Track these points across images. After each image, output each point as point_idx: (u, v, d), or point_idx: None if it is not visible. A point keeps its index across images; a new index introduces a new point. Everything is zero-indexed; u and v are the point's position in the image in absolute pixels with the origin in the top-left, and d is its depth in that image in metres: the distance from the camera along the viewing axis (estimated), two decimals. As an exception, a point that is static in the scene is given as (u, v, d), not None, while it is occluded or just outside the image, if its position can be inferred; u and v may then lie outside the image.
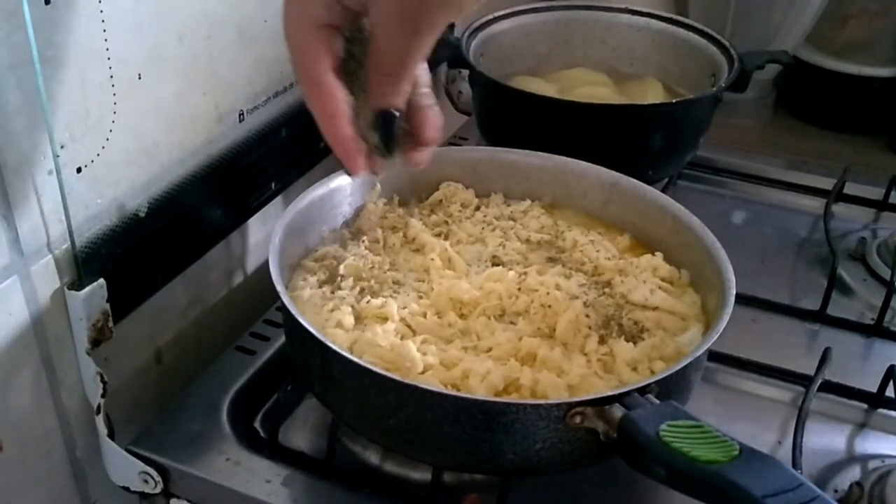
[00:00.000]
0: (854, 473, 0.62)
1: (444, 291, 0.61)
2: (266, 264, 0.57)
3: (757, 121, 1.36)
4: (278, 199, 0.74)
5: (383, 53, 0.45)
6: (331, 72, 0.47)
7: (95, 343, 0.56)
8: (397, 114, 0.48)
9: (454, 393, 0.53)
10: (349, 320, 0.58)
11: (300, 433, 0.64)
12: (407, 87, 0.48)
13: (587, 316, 0.60)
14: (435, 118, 0.51)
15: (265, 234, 0.75)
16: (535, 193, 0.74)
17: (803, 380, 0.68)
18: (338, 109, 0.47)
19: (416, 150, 0.53)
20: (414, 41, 0.45)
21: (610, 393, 0.49)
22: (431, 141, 0.52)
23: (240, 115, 0.68)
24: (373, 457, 0.62)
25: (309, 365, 0.57)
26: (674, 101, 0.91)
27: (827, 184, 0.94)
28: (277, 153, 0.73)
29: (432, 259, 0.65)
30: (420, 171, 0.72)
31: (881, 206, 0.93)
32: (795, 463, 0.60)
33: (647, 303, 0.62)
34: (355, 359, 0.52)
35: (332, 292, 0.62)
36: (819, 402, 0.67)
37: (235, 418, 0.63)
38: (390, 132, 0.49)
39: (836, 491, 0.60)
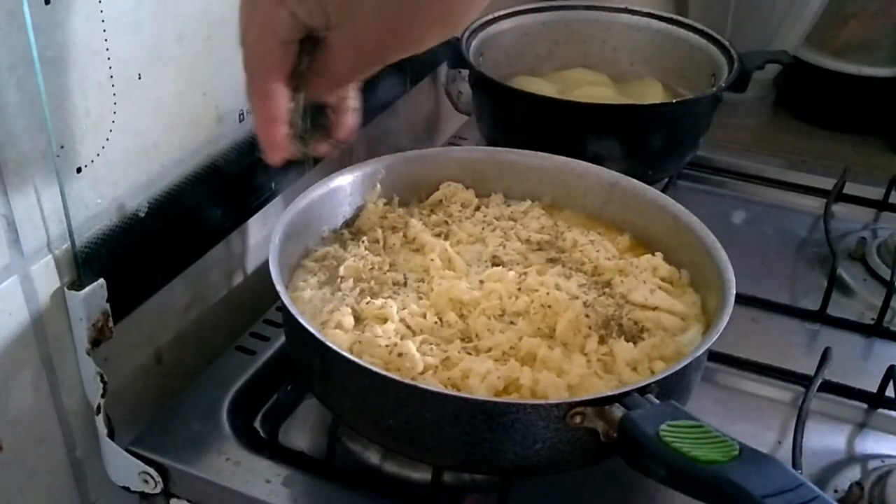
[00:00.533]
0: (854, 473, 0.62)
1: (444, 291, 0.61)
2: (266, 264, 0.57)
3: (757, 121, 1.36)
4: (278, 199, 0.74)
5: (334, 70, 0.48)
6: (282, 82, 0.49)
7: (95, 343, 0.56)
8: (328, 108, 0.52)
9: (454, 393, 0.53)
10: (349, 321, 0.58)
11: (300, 433, 0.64)
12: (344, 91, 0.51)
13: (587, 316, 0.60)
14: (352, 122, 0.54)
15: (265, 234, 0.75)
16: (535, 193, 0.74)
17: (803, 380, 0.68)
18: (279, 115, 0.50)
19: (325, 144, 0.55)
20: (366, 70, 0.48)
21: (610, 393, 0.50)
22: (343, 141, 0.55)
23: (240, 115, 0.68)
24: (373, 457, 0.62)
25: (309, 365, 0.57)
26: (674, 101, 0.91)
27: (827, 184, 0.94)
28: (277, 153, 0.72)
29: (432, 259, 0.65)
30: (420, 171, 0.73)
31: (881, 206, 0.93)
32: (795, 463, 0.60)
33: (647, 303, 0.62)
34: (355, 359, 0.52)
35: (332, 293, 0.62)
36: (819, 402, 0.67)
37: (235, 418, 0.63)
38: (318, 124, 0.53)
39: (836, 491, 0.60)
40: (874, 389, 0.68)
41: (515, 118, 0.86)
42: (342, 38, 0.45)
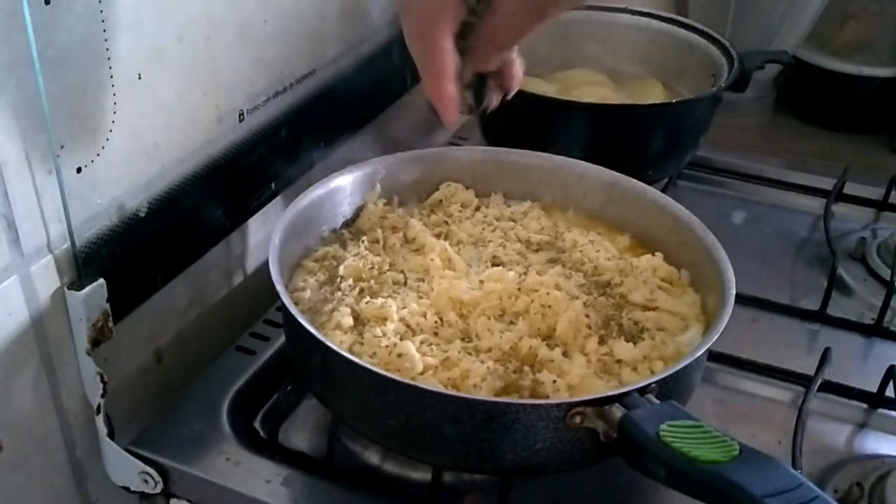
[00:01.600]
0: (854, 473, 0.62)
1: (443, 291, 0.61)
2: (266, 264, 0.57)
3: (757, 121, 1.36)
4: (278, 199, 0.74)
5: (500, 29, 0.50)
6: (451, 37, 0.51)
7: (95, 343, 0.56)
8: (491, 76, 0.56)
9: (454, 393, 0.53)
10: (349, 321, 0.58)
11: (300, 433, 0.64)
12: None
13: (587, 316, 0.60)
14: (519, 71, 0.58)
15: (265, 234, 0.74)
16: (535, 194, 0.74)
17: (803, 380, 0.68)
18: (448, 70, 0.52)
19: (495, 96, 0.59)
20: (534, 26, 0.50)
21: (610, 393, 0.49)
22: (513, 88, 0.60)
23: (240, 115, 0.68)
24: (373, 457, 0.62)
25: (309, 365, 0.57)
26: (674, 101, 0.91)
27: (827, 184, 0.94)
28: (277, 153, 0.73)
29: (432, 259, 0.64)
30: (420, 171, 0.73)
31: (881, 206, 0.93)
32: (795, 463, 0.60)
33: (648, 303, 0.62)
34: (355, 359, 0.52)
35: (332, 293, 0.62)
36: (819, 402, 0.67)
37: (235, 418, 0.63)
38: (483, 93, 0.57)
39: (836, 491, 0.60)
40: (874, 389, 0.68)
41: (515, 118, 0.86)
42: None
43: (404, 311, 0.59)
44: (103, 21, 0.52)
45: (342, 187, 0.69)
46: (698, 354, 0.54)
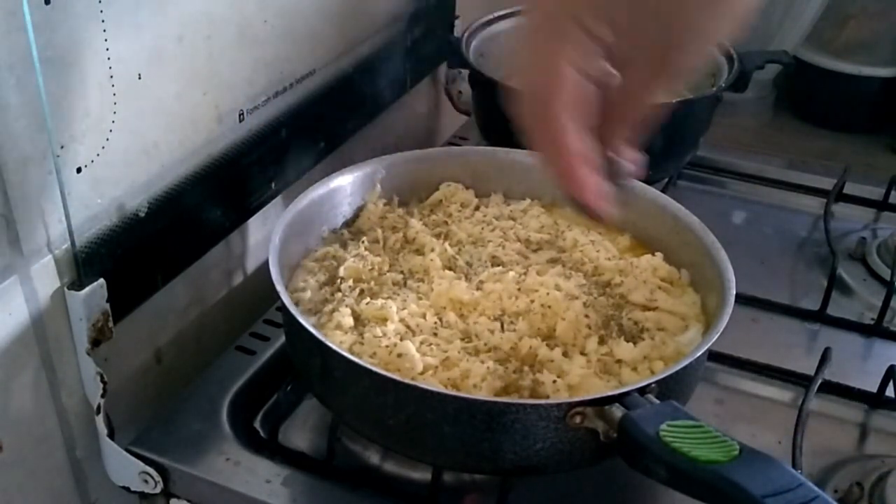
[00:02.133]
0: (854, 473, 0.62)
1: (443, 292, 0.61)
2: (266, 264, 0.57)
3: (757, 121, 1.36)
4: (278, 199, 0.74)
5: (635, 86, 0.43)
6: (572, 113, 0.43)
7: (95, 343, 0.56)
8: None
9: (454, 393, 0.53)
10: (349, 321, 0.58)
11: (300, 433, 0.64)
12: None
13: (587, 316, 0.60)
14: (638, 156, 0.49)
15: (265, 234, 0.75)
16: (535, 193, 0.74)
17: (803, 380, 0.68)
18: (573, 148, 0.43)
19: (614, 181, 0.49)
20: (661, 83, 0.43)
21: (610, 393, 0.49)
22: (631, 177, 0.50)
23: (240, 115, 0.68)
24: (373, 457, 0.62)
25: (309, 365, 0.57)
26: (674, 101, 0.91)
27: (827, 184, 0.94)
28: (277, 153, 0.73)
29: (432, 259, 0.64)
30: (420, 171, 0.73)
31: (881, 206, 0.93)
32: (795, 463, 0.60)
33: (648, 303, 0.62)
34: (355, 359, 0.52)
35: (332, 293, 0.62)
36: (819, 402, 0.67)
37: (235, 418, 0.63)
38: (616, 173, 0.47)
39: (836, 491, 0.60)
40: (874, 389, 0.67)
41: (516, 118, 0.85)
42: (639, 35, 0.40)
43: (404, 312, 0.59)
44: (103, 21, 0.52)
45: (342, 187, 0.69)
46: (698, 354, 0.54)
